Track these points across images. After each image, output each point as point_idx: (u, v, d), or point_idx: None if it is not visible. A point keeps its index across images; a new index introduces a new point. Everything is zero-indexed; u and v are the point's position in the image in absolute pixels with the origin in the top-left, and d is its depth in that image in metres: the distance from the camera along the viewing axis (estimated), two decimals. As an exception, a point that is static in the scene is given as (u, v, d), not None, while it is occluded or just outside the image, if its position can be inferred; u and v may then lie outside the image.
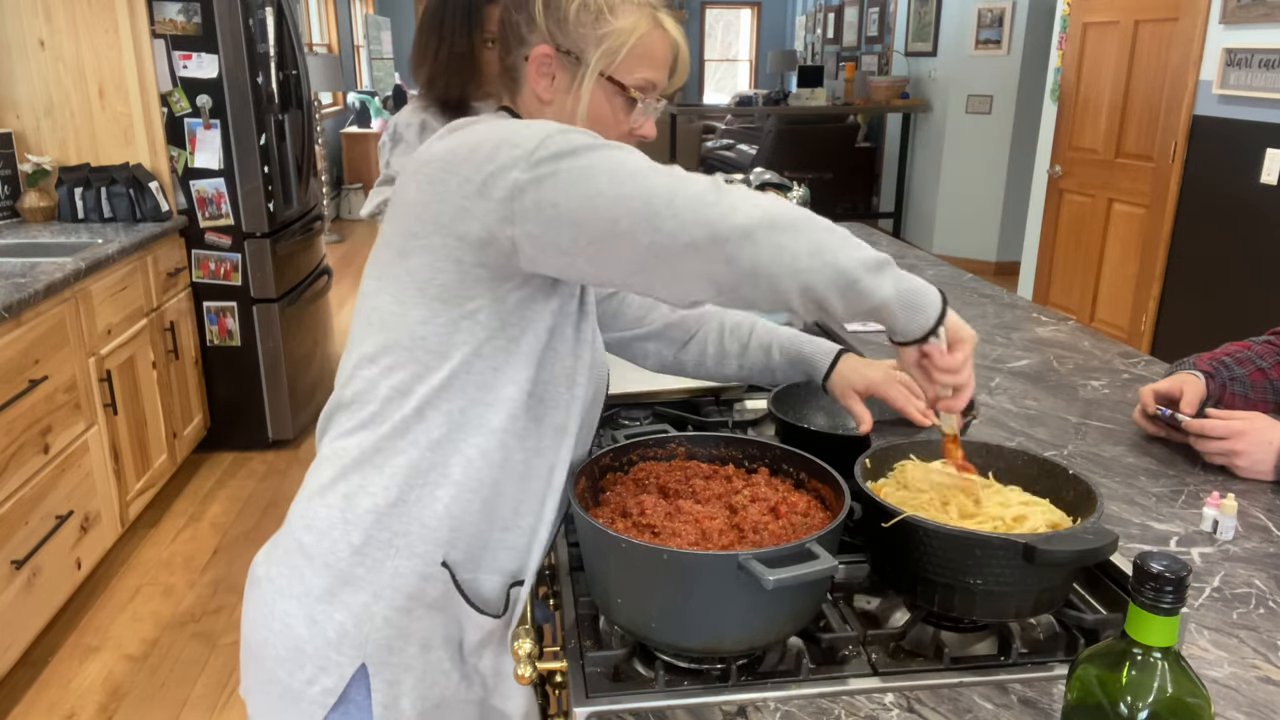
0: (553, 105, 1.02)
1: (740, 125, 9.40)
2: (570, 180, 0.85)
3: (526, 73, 1.01)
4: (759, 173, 2.05)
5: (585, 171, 0.85)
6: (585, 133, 0.89)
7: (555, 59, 1.00)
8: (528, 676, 1.01)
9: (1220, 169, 3.76)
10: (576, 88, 1.00)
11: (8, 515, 2.31)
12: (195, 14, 3.32)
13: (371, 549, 0.97)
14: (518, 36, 1.01)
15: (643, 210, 0.84)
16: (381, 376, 0.97)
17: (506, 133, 0.89)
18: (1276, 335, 1.54)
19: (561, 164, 0.85)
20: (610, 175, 0.85)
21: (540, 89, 1.01)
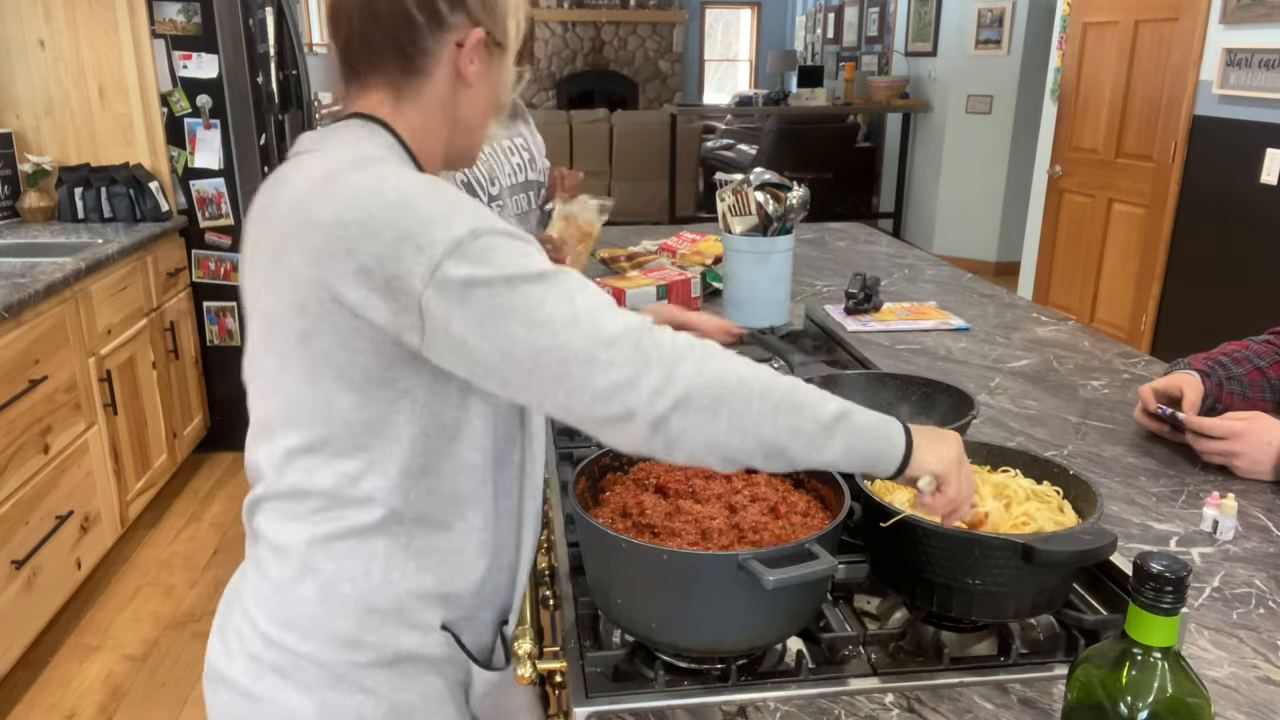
0: (473, 90, 0.96)
1: (740, 125, 9.40)
2: (481, 318, 0.79)
3: (442, 59, 0.93)
4: (759, 173, 2.05)
5: (498, 311, 0.79)
6: (500, 240, 0.81)
7: (485, 42, 0.94)
8: (528, 677, 1.01)
9: (1220, 169, 3.76)
10: (496, 73, 0.98)
11: (8, 515, 2.31)
12: (195, 14, 3.32)
13: (368, 634, 0.93)
14: (437, 21, 0.92)
15: (557, 374, 0.79)
16: (325, 465, 0.90)
17: (407, 219, 0.80)
18: (1275, 335, 1.54)
19: (473, 294, 0.79)
20: (526, 324, 0.79)
21: (468, 75, 0.95)
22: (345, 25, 0.94)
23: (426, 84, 0.94)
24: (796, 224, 2.05)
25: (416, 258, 0.79)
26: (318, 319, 0.84)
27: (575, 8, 11.35)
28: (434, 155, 0.98)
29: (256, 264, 0.91)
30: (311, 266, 0.83)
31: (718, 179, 2.10)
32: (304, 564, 0.92)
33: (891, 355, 1.90)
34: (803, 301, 2.27)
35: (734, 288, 2.06)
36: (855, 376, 1.43)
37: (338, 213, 0.82)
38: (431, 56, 0.93)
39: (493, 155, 2.08)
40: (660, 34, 11.71)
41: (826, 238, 3.06)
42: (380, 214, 0.81)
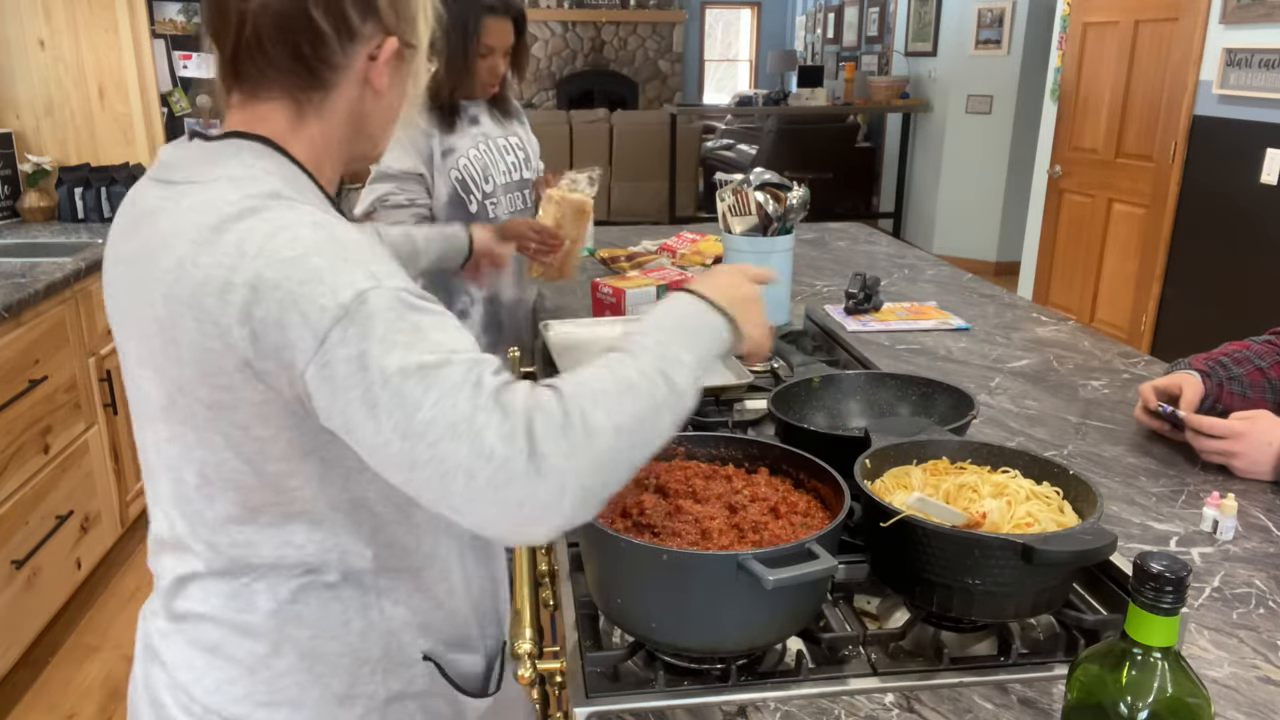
0: (384, 98, 0.90)
1: (740, 125, 9.40)
2: (357, 408, 0.73)
3: (351, 70, 0.86)
4: (759, 173, 2.05)
5: (372, 406, 0.73)
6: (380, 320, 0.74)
7: (400, 50, 0.88)
8: (528, 676, 1.01)
9: (1220, 169, 3.76)
10: (406, 72, 0.91)
11: (8, 515, 2.31)
12: (195, 14, 3.32)
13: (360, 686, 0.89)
14: (347, 31, 0.84)
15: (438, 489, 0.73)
16: (265, 535, 0.84)
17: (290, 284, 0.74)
18: (1276, 335, 1.54)
19: (355, 381, 0.73)
20: (400, 427, 0.72)
21: (380, 84, 0.88)
22: (235, 29, 0.83)
23: (331, 97, 0.87)
24: (796, 224, 2.05)
25: (301, 333, 0.74)
26: (228, 390, 0.78)
27: (575, 8, 11.35)
28: (334, 168, 0.92)
29: (141, 325, 0.82)
30: (212, 336, 0.76)
31: (718, 179, 2.10)
32: (277, 635, 0.86)
33: (891, 355, 1.90)
34: (803, 301, 2.27)
35: (734, 288, 2.06)
36: (855, 376, 1.43)
37: (229, 274, 0.75)
38: (340, 70, 0.86)
39: (487, 153, 2.09)
40: (660, 34, 11.71)
41: (826, 238, 3.06)
42: (268, 274, 0.74)
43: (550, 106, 11.22)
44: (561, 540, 1.18)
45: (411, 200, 2.03)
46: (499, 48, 2.00)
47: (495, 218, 2.09)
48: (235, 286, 0.75)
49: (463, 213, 2.06)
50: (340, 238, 0.78)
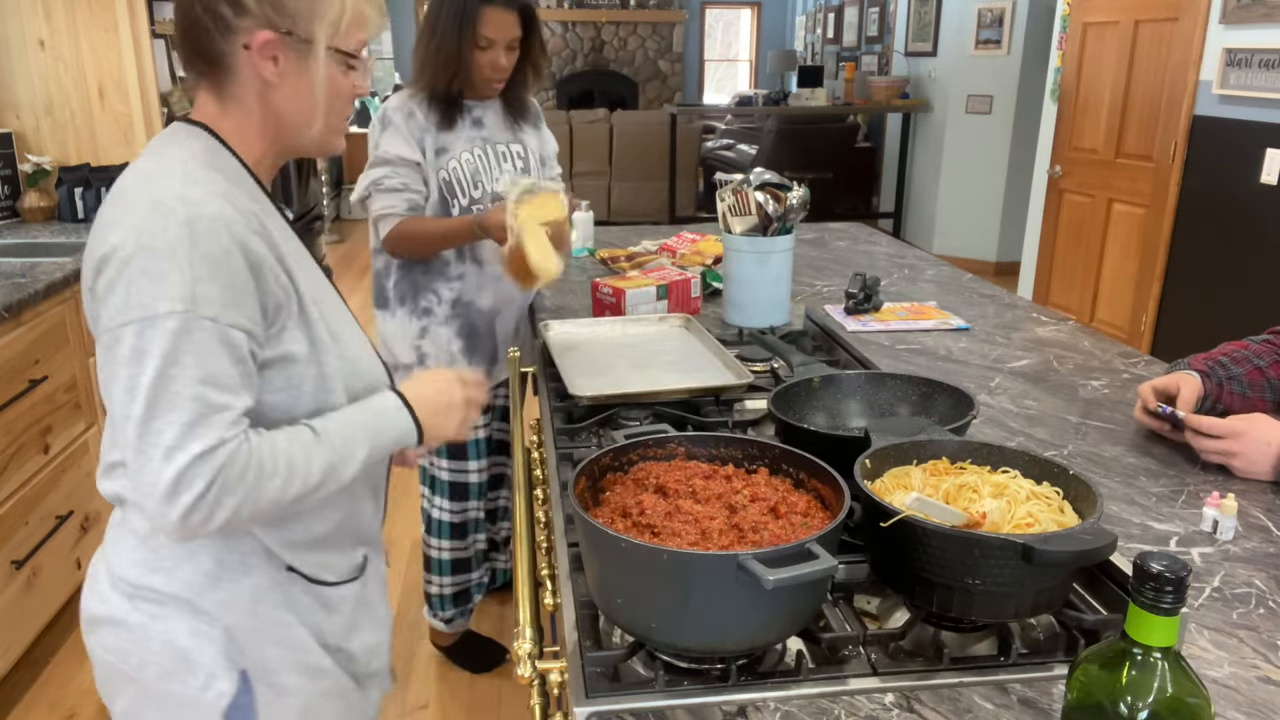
0: (283, 87, 1.01)
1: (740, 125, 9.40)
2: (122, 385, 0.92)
3: (243, 61, 0.99)
4: (759, 173, 2.05)
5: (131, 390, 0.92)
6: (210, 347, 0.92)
7: (278, 41, 0.98)
8: (528, 676, 1.01)
9: (1220, 169, 3.76)
10: (308, 68, 1.01)
11: (8, 515, 2.31)
12: (195, 14, 3.33)
13: (225, 571, 1.05)
14: (224, 25, 0.98)
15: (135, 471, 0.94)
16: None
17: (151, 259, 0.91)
18: (1274, 335, 1.54)
19: (150, 362, 0.91)
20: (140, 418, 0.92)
21: (267, 74, 1.00)
22: (176, 24, 1.02)
23: (233, 84, 1.01)
24: (796, 224, 2.05)
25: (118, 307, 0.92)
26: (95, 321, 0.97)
27: (575, 8, 11.36)
28: (270, 151, 1.06)
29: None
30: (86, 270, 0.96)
31: (718, 179, 2.10)
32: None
33: (891, 355, 1.90)
34: (803, 301, 2.27)
35: (734, 288, 2.06)
36: (855, 376, 1.43)
37: (106, 230, 0.94)
38: (229, 57, 1.00)
39: (482, 158, 2.05)
40: (660, 34, 11.71)
41: (826, 238, 3.06)
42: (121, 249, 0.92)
43: (550, 106, 11.22)
44: (561, 540, 1.18)
45: (405, 185, 2.00)
46: (499, 40, 1.94)
47: None
48: (101, 246, 0.94)
49: (446, 215, 2.04)
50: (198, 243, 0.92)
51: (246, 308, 0.95)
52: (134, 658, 1.05)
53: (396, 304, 2.16)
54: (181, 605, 1.04)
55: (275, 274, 0.99)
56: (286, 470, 0.97)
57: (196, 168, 0.98)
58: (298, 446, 0.99)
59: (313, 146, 1.07)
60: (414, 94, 2.03)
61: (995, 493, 1.02)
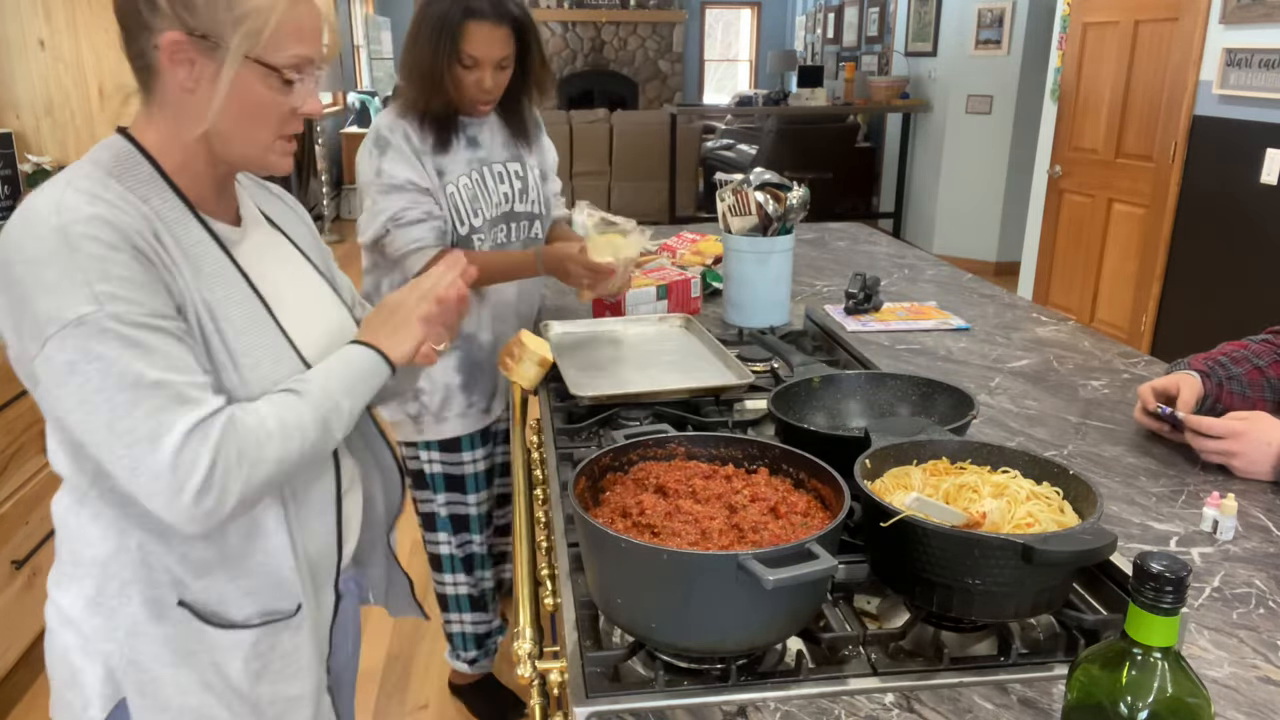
0: (197, 93, 0.95)
1: (740, 125, 9.40)
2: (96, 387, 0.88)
3: (159, 62, 0.94)
4: (759, 173, 2.05)
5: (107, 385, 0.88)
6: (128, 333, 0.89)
7: (190, 44, 0.92)
8: (528, 676, 1.01)
9: (1220, 169, 3.76)
10: (218, 70, 0.94)
11: (8, 515, 2.31)
12: (195, 14, 3.32)
13: (104, 597, 1.01)
14: (140, 22, 0.93)
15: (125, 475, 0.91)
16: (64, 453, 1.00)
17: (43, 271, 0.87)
18: (1274, 334, 1.54)
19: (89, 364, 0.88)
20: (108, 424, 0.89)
21: (180, 78, 0.94)
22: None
23: (157, 85, 0.97)
24: (796, 224, 2.05)
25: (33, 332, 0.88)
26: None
27: (575, 8, 11.36)
28: (187, 158, 1.00)
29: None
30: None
31: (718, 179, 2.10)
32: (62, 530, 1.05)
33: (891, 355, 1.90)
34: (803, 301, 2.27)
35: (734, 288, 2.06)
36: (855, 376, 1.43)
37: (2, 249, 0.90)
38: (146, 57, 0.95)
39: (480, 182, 1.88)
40: (660, 34, 11.71)
41: (826, 238, 3.06)
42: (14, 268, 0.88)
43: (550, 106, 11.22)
44: (561, 540, 1.18)
45: (429, 214, 1.81)
46: (486, 60, 1.73)
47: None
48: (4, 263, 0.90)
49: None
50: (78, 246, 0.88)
51: (158, 296, 0.92)
52: (49, 663, 1.06)
53: None
54: (70, 624, 1.03)
55: (163, 276, 0.93)
56: (280, 429, 0.95)
57: (86, 176, 0.93)
58: (283, 406, 0.97)
59: (244, 163, 1.02)
60: (402, 113, 1.83)
61: (995, 493, 1.02)
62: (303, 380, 1.01)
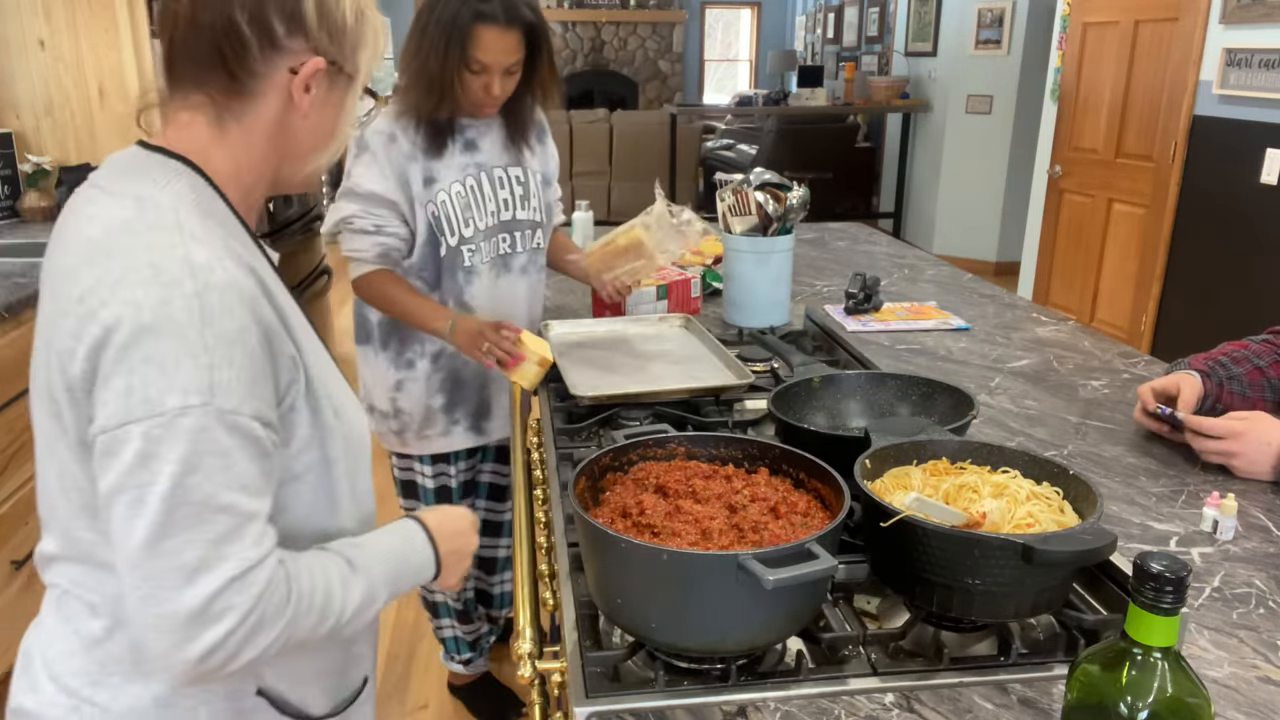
0: (308, 119, 0.89)
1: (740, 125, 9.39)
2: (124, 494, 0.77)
3: (271, 82, 0.86)
4: (759, 173, 2.05)
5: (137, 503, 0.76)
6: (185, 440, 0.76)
7: (324, 72, 0.87)
8: (528, 676, 1.01)
9: (1220, 169, 3.76)
10: (339, 102, 0.91)
11: (8, 515, 2.31)
12: (195, 14, 3.32)
13: (178, 699, 0.88)
14: (271, 42, 0.85)
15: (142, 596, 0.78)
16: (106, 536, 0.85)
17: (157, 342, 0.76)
18: (1274, 334, 1.54)
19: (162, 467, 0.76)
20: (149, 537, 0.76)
21: (300, 103, 0.88)
22: (170, 28, 0.86)
23: (253, 107, 0.87)
24: (796, 224, 2.05)
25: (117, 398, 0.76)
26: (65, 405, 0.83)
27: (575, 8, 11.36)
28: (253, 187, 0.92)
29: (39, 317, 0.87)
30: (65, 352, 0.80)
31: (718, 179, 2.10)
32: (113, 620, 0.88)
33: (891, 355, 1.90)
34: (803, 301, 2.27)
35: (734, 288, 2.06)
36: (855, 376, 1.43)
37: (98, 306, 0.77)
38: (261, 79, 0.86)
39: (475, 189, 1.79)
40: (660, 34, 11.71)
41: (826, 238, 3.06)
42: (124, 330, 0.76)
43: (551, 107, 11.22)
44: (561, 540, 1.18)
45: (379, 227, 1.75)
46: (495, 66, 1.66)
47: (471, 266, 1.81)
48: (90, 326, 0.77)
49: (433, 254, 1.79)
50: (209, 325, 0.77)
51: (265, 392, 0.81)
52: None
53: (379, 347, 1.92)
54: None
55: (283, 345, 0.84)
56: (323, 605, 0.85)
57: (191, 217, 0.82)
58: (336, 578, 0.87)
59: (300, 183, 0.96)
60: (398, 115, 1.74)
61: (995, 493, 1.03)
62: (359, 552, 0.91)
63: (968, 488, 1.03)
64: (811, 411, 1.40)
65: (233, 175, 0.89)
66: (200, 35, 0.84)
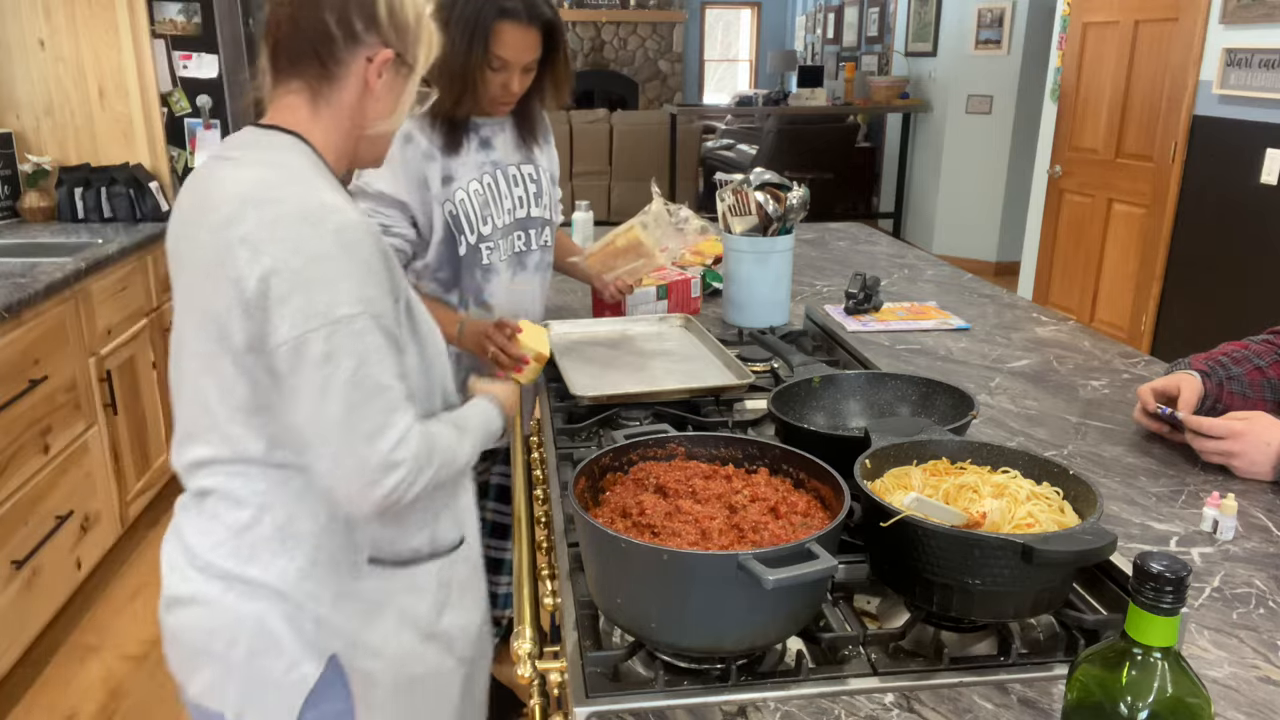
0: (378, 102, 1.12)
1: (740, 125, 9.40)
2: (340, 384, 0.99)
3: (352, 70, 1.09)
4: (759, 173, 2.05)
5: (350, 386, 0.99)
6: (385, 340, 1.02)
7: (392, 61, 1.10)
8: (528, 676, 1.01)
9: (1220, 169, 3.76)
10: (402, 88, 1.13)
11: (8, 515, 2.31)
12: (195, 14, 3.33)
13: (317, 567, 1.09)
14: (353, 36, 1.07)
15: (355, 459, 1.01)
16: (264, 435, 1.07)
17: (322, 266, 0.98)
18: (1274, 334, 1.54)
19: (344, 361, 0.99)
20: (353, 410, 1.00)
21: (373, 87, 1.10)
22: (275, 31, 1.09)
23: (338, 90, 1.09)
24: (796, 224, 2.05)
25: (295, 316, 0.97)
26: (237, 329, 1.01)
27: (575, 8, 11.35)
28: (342, 154, 1.14)
29: (186, 262, 1.07)
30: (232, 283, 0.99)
31: (718, 179, 2.10)
32: (259, 510, 1.08)
33: (891, 355, 1.90)
34: (803, 301, 2.27)
35: (734, 288, 2.06)
36: (855, 376, 1.43)
37: (258, 245, 0.98)
38: (345, 66, 1.08)
39: (492, 186, 1.79)
40: (660, 34, 11.71)
41: (826, 238, 3.06)
42: (292, 259, 0.97)
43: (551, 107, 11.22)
44: (561, 540, 1.18)
45: (386, 228, 1.73)
46: (515, 62, 1.64)
47: (489, 264, 1.79)
48: (261, 258, 0.97)
49: (451, 254, 1.76)
50: (357, 248, 1.00)
51: (391, 303, 1.04)
52: (223, 636, 1.09)
53: None
54: (273, 594, 1.08)
55: (394, 267, 1.06)
56: (451, 457, 1.11)
57: (316, 176, 1.06)
58: (454, 438, 1.12)
59: (371, 158, 1.19)
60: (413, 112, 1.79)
61: (995, 493, 1.03)
62: (466, 422, 1.18)
63: (968, 488, 1.03)
64: (811, 411, 1.40)
65: (327, 147, 1.12)
66: (299, 34, 1.07)
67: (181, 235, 1.08)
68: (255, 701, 1.10)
